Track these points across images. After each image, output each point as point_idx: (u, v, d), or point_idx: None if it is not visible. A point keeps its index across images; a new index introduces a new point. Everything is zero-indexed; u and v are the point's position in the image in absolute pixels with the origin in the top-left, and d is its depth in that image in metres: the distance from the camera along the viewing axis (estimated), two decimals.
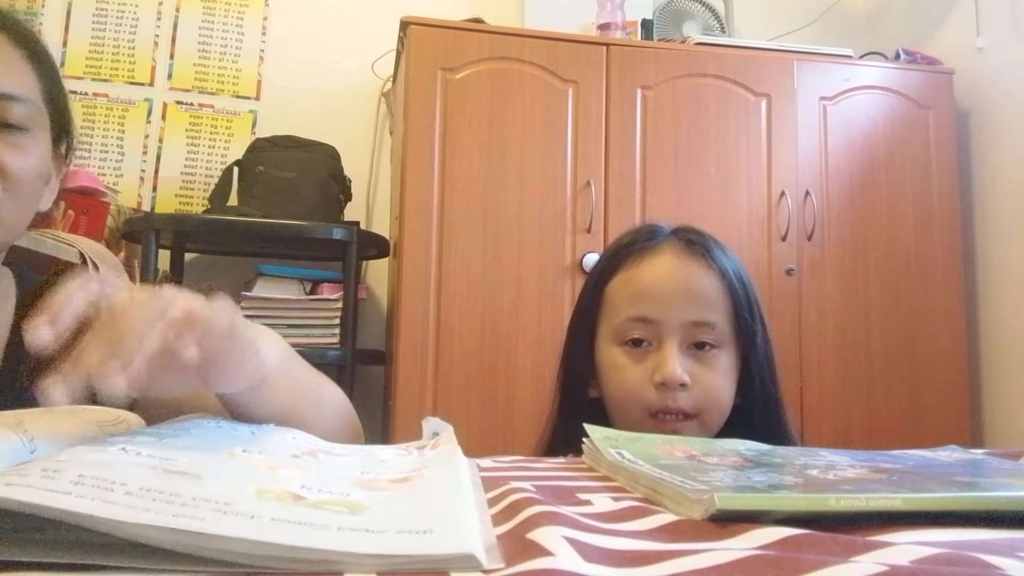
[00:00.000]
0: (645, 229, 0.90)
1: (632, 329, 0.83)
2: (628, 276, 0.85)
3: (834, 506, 0.36)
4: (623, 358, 0.83)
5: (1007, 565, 0.28)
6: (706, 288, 0.82)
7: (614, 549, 0.31)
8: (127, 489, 0.29)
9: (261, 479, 0.35)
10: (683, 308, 0.81)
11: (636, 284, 0.84)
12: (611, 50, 2.14)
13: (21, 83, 0.71)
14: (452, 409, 1.89)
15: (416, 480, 0.41)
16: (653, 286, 0.83)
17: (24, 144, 0.70)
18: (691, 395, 0.80)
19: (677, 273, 0.83)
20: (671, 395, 0.80)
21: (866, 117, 2.26)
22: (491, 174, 2.02)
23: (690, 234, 0.87)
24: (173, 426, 0.47)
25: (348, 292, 2.02)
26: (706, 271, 0.83)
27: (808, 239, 2.16)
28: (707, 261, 0.84)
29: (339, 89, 2.50)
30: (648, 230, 0.90)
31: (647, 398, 0.80)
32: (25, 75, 0.72)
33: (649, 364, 0.81)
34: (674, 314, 0.81)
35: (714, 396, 0.81)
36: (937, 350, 2.19)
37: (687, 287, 0.82)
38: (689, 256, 0.84)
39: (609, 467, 0.51)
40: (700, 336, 0.81)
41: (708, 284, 0.83)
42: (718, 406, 0.82)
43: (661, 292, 0.82)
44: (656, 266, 0.84)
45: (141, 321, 0.42)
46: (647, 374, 0.81)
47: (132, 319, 0.42)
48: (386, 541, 0.28)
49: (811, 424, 2.09)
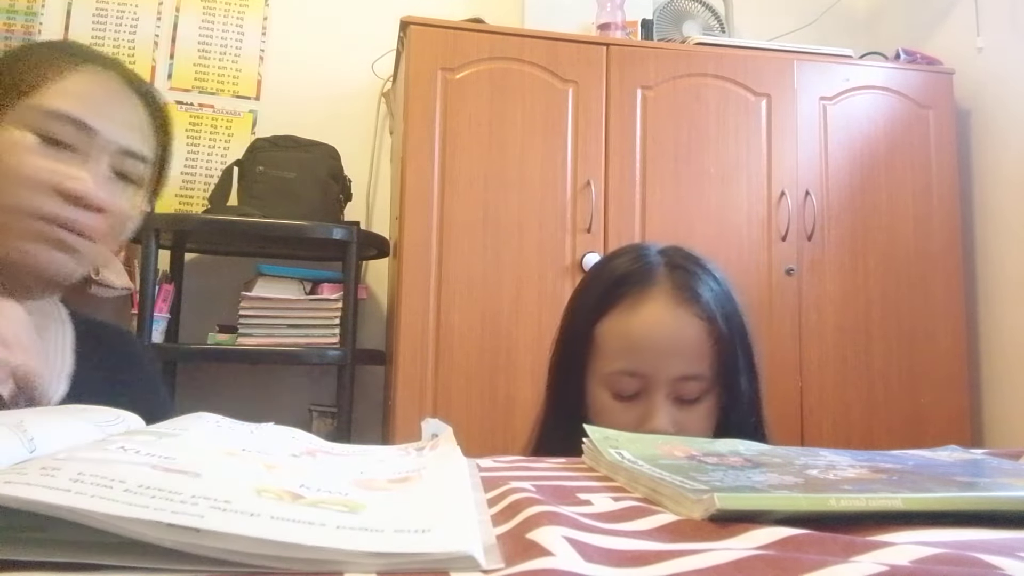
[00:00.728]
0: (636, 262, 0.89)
1: (622, 380, 0.84)
2: (620, 324, 0.86)
3: (834, 506, 0.36)
4: (612, 402, 0.85)
5: (1007, 565, 0.28)
6: (695, 340, 0.84)
7: (614, 549, 0.31)
8: (126, 487, 0.29)
9: (260, 478, 0.35)
10: (672, 364, 0.83)
11: (627, 336, 0.85)
12: (611, 50, 2.14)
13: (147, 144, 0.81)
14: (452, 409, 1.89)
15: (415, 480, 0.41)
16: (643, 339, 0.84)
17: (132, 195, 0.81)
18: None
19: (668, 327, 0.84)
20: None
21: (866, 117, 2.26)
22: (491, 174, 2.02)
23: (679, 272, 0.87)
24: (172, 425, 0.47)
25: (348, 292, 2.02)
26: (694, 320, 0.84)
27: (808, 239, 2.16)
28: (696, 308, 0.84)
29: (339, 89, 2.50)
30: (639, 263, 0.89)
31: None
32: (150, 139, 0.82)
33: (637, 412, 0.83)
34: (663, 370, 0.83)
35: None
36: (937, 350, 2.19)
37: (677, 343, 0.83)
38: (679, 305, 0.85)
39: (609, 467, 0.51)
40: (687, 390, 0.83)
41: (697, 335, 0.84)
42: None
43: (651, 346, 0.83)
44: (647, 317, 0.85)
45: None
46: (633, 422, 0.83)
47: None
48: (385, 540, 0.28)
49: (811, 424, 2.09)
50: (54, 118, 0.74)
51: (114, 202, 0.77)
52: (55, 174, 0.73)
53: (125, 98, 0.80)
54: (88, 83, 0.77)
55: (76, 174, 0.73)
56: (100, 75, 0.79)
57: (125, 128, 0.78)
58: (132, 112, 0.80)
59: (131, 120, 0.79)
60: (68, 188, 0.73)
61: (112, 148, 0.77)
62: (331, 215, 2.15)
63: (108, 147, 0.76)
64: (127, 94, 0.80)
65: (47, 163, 0.73)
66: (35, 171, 0.72)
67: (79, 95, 0.76)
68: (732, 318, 0.86)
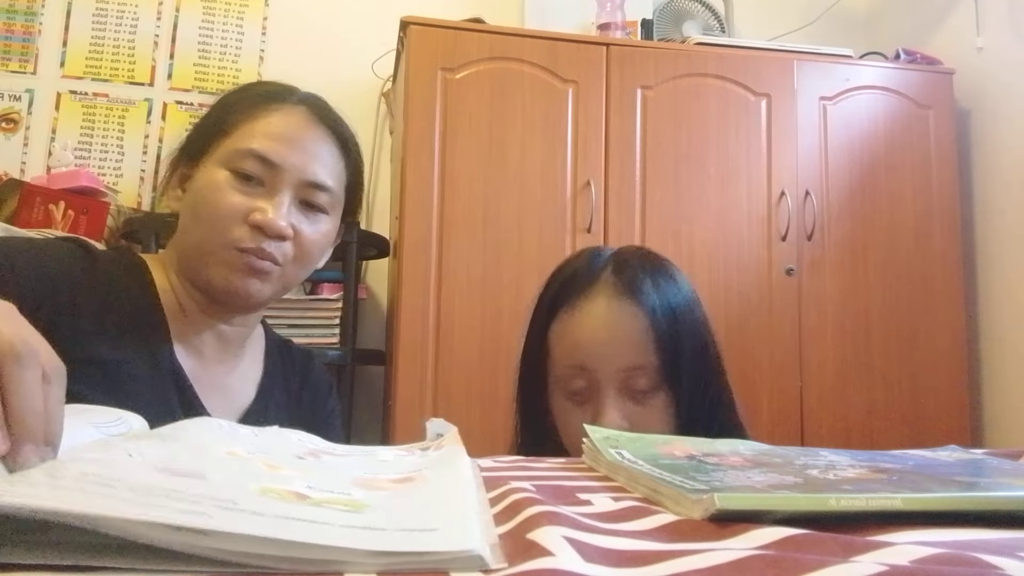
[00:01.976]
0: (584, 263, 0.91)
1: (571, 378, 0.85)
2: (565, 326, 0.87)
3: (834, 506, 0.36)
4: (567, 403, 0.87)
5: (1007, 565, 0.28)
6: (633, 331, 0.83)
7: (614, 549, 0.31)
8: (131, 489, 0.29)
9: (264, 478, 0.35)
10: (615, 356, 0.83)
11: (571, 335, 0.86)
12: (611, 50, 2.14)
13: (332, 174, 0.88)
14: (452, 409, 1.89)
15: (418, 480, 0.41)
16: (585, 336, 0.85)
17: (320, 222, 0.87)
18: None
19: (607, 320, 0.84)
20: None
21: (866, 117, 2.26)
22: (491, 174, 2.02)
23: (625, 269, 0.88)
24: (176, 428, 0.47)
25: (348, 292, 2.02)
26: (633, 312, 0.84)
27: (808, 239, 2.16)
28: (636, 301, 0.84)
29: (339, 89, 2.47)
30: (587, 264, 0.90)
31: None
32: (336, 168, 0.89)
33: (590, 409, 0.84)
34: (607, 363, 0.83)
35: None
36: (937, 350, 2.19)
37: (615, 335, 0.84)
38: (619, 299, 0.85)
39: (609, 467, 0.51)
40: (634, 382, 0.83)
41: (635, 326, 0.83)
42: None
43: (593, 342, 0.84)
44: (589, 314, 0.85)
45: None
46: (589, 420, 0.83)
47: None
48: (388, 539, 0.29)
49: (811, 424, 2.09)
50: (244, 156, 0.82)
51: (298, 229, 0.84)
52: (244, 207, 0.81)
53: (310, 132, 0.86)
54: (277, 122, 0.85)
55: (260, 206, 0.81)
56: (289, 113, 0.86)
57: (309, 160, 0.85)
58: (317, 145, 0.86)
59: (316, 152, 0.86)
60: (253, 219, 0.81)
61: (295, 180, 0.84)
62: None
63: (291, 179, 0.83)
64: (313, 128, 0.87)
65: (239, 198, 0.81)
66: (229, 205, 0.81)
67: (267, 134, 0.84)
68: (681, 316, 0.86)
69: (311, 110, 0.88)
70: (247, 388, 0.92)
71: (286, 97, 0.88)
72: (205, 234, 0.82)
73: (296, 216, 0.84)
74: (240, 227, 0.81)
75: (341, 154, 0.90)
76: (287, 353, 1.02)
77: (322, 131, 0.88)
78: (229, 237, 0.81)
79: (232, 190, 0.82)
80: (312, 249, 0.87)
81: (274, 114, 0.86)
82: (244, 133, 0.84)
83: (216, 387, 0.87)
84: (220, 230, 0.81)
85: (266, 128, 0.84)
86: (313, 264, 0.90)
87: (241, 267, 0.81)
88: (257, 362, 0.96)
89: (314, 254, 0.88)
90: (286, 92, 0.90)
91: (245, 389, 0.91)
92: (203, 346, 0.87)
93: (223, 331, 0.89)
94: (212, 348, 0.88)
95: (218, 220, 0.81)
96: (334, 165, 0.88)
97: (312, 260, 0.89)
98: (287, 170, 0.83)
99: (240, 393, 0.90)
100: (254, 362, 0.96)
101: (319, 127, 0.88)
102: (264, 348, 0.98)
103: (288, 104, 0.87)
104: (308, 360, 1.04)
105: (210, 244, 0.82)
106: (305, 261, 0.87)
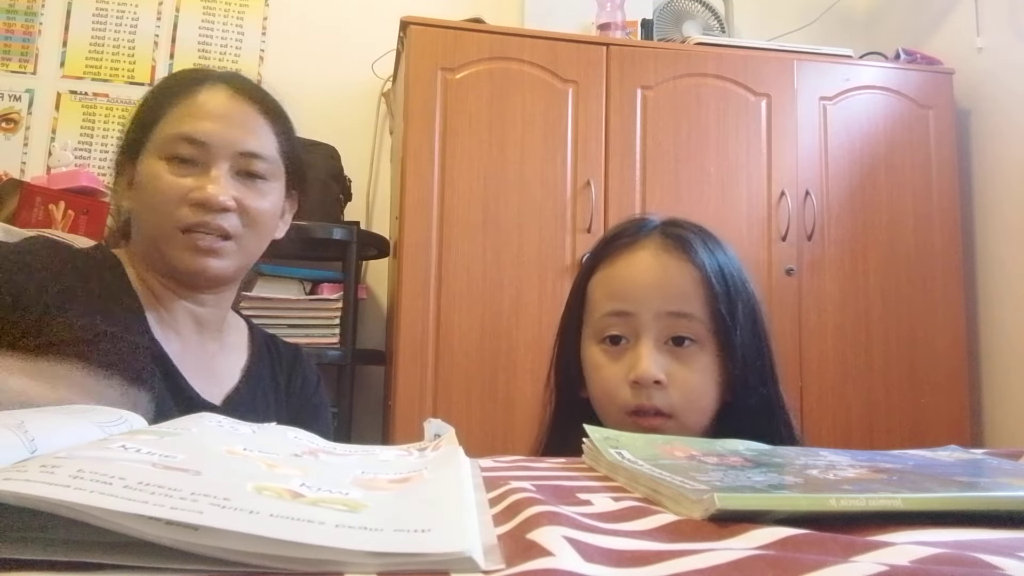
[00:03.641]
0: (633, 223, 0.88)
1: (609, 325, 0.82)
2: (607, 272, 0.85)
3: (834, 506, 0.36)
4: (602, 357, 0.82)
5: (1007, 565, 0.28)
6: (682, 280, 0.80)
7: (614, 549, 0.31)
8: (126, 483, 0.29)
9: (260, 476, 0.35)
10: (657, 300, 0.79)
11: (613, 280, 0.83)
12: (611, 50, 2.14)
13: (262, 143, 0.90)
14: (452, 409, 1.89)
15: (416, 480, 0.41)
16: (628, 280, 0.82)
17: (263, 190, 0.89)
18: (667, 394, 0.78)
19: (653, 266, 0.82)
20: (645, 393, 0.78)
21: (866, 117, 2.26)
22: (491, 174, 2.02)
23: (676, 228, 0.85)
24: (174, 425, 0.47)
25: (348, 292, 2.02)
26: (683, 264, 0.81)
27: (808, 239, 2.16)
28: (686, 255, 0.81)
29: (339, 89, 2.50)
30: (636, 224, 0.88)
31: (623, 397, 0.79)
32: (266, 136, 0.91)
33: (626, 362, 0.80)
34: (649, 306, 0.79)
35: (692, 396, 0.79)
36: (937, 350, 2.19)
37: (662, 279, 0.80)
38: (668, 250, 0.82)
39: (609, 467, 0.51)
40: (677, 329, 0.79)
41: (684, 276, 0.80)
42: (696, 406, 0.80)
43: (636, 285, 0.81)
44: (634, 262, 0.83)
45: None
46: (623, 372, 0.79)
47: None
48: (384, 539, 0.28)
49: (811, 424, 2.09)
50: (176, 141, 0.85)
51: (241, 199, 0.86)
52: (184, 188, 0.84)
53: (235, 107, 0.89)
54: (201, 103, 0.88)
55: (198, 184, 0.84)
56: (210, 92, 0.89)
57: (238, 133, 0.87)
58: (244, 117, 0.89)
59: (244, 123, 0.88)
60: (193, 198, 0.84)
61: (227, 153, 0.86)
62: (331, 215, 2.15)
63: (223, 153, 0.86)
64: (237, 102, 0.89)
65: (178, 181, 0.84)
66: (170, 189, 0.84)
67: (193, 115, 0.87)
68: (732, 279, 0.82)
69: (231, 86, 0.91)
70: (232, 372, 0.94)
71: (204, 79, 0.91)
72: (155, 222, 0.86)
73: (237, 188, 0.87)
74: (183, 208, 0.84)
75: (269, 122, 0.92)
76: (274, 347, 1.04)
77: (246, 104, 0.90)
78: (176, 220, 0.84)
79: (170, 176, 0.85)
80: (261, 217, 0.89)
81: (197, 96, 0.88)
82: (172, 120, 0.87)
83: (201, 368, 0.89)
84: (166, 215, 0.84)
85: (191, 110, 0.87)
86: (268, 232, 0.92)
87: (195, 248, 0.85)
88: (241, 349, 0.99)
89: (265, 221, 0.90)
90: (204, 75, 0.92)
91: (230, 373, 0.94)
92: (182, 329, 0.90)
93: (199, 314, 0.92)
94: (191, 331, 0.91)
95: (162, 206, 0.84)
96: (264, 134, 0.91)
97: (265, 228, 0.91)
98: (218, 145, 0.86)
99: (225, 376, 0.93)
100: (237, 348, 0.99)
101: (242, 100, 0.90)
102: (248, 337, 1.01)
103: (208, 84, 0.90)
104: (295, 355, 1.06)
105: (161, 231, 0.85)
106: (258, 229, 0.89)
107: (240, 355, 0.98)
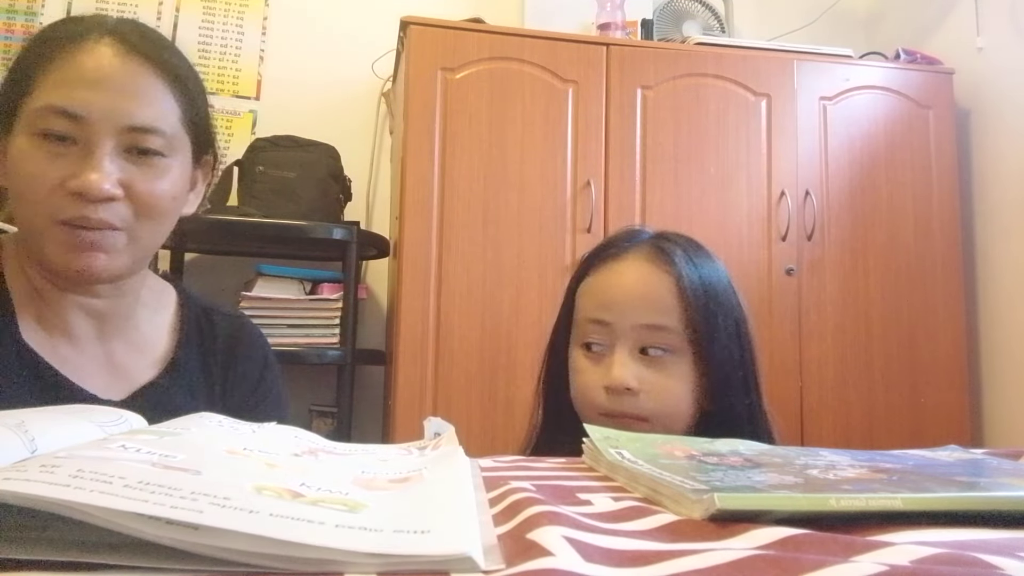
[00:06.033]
0: (627, 233, 0.93)
1: (589, 332, 0.86)
2: (594, 280, 0.89)
3: (834, 506, 0.36)
4: (583, 360, 0.86)
5: (1007, 565, 0.28)
6: (660, 292, 0.83)
7: (614, 549, 0.31)
8: (126, 482, 0.29)
9: (260, 476, 0.35)
10: (635, 312, 0.83)
11: (597, 289, 0.87)
12: (611, 50, 2.14)
13: (158, 113, 0.74)
14: (452, 409, 1.89)
15: (416, 480, 0.41)
16: (610, 291, 0.86)
17: (159, 168, 0.74)
18: (640, 400, 0.81)
19: (634, 279, 0.85)
20: (619, 400, 0.81)
21: (866, 117, 2.26)
22: (491, 174, 2.02)
23: (663, 241, 0.89)
24: (174, 424, 0.47)
25: (348, 292, 2.02)
26: (663, 276, 0.84)
27: (808, 239, 2.16)
28: (667, 267, 0.85)
29: (339, 89, 2.50)
30: (628, 235, 0.92)
31: (598, 401, 0.83)
32: (164, 104, 0.75)
33: (603, 367, 0.83)
34: (626, 317, 0.83)
35: (667, 402, 0.82)
36: (937, 350, 2.19)
37: (641, 291, 0.84)
38: (651, 262, 0.86)
39: (609, 467, 0.51)
40: (652, 340, 0.82)
41: (662, 288, 0.83)
42: (671, 411, 0.83)
43: (616, 297, 0.85)
44: (618, 271, 0.87)
45: None
46: (600, 377, 0.83)
47: None
48: (384, 540, 0.28)
49: (811, 424, 2.09)
50: (47, 115, 0.70)
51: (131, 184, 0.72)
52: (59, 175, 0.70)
53: (122, 68, 0.73)
54: (78, 66, 0.71)
55: (74, 170, 0.70)
56: (91, 52, 0.72)
57: (124, 102, 0.72)
58: (133, 81, 0.73)
59: (133, 90, 0.72)
60: (70, 187, 0.69)
61: (111, 129, 0.71)
62: (331, 215, 2.15)
63: (105, 129, 0.71)
64: (125, 62, 0.73)
65: (51, 165, 0.70)
66: (43, 176, 0.70)
67: (67, 81, 0.71)
68: (712, 291, 0.85)
69: (119, 42, 0.73)
70: (143, 365, 0.82)
71: (86, 34, 0.73)
72: (28, 212, 0.72)
73: (126, 168, 0.72)
74: (60, 197, 0.70)
75: (168, 85, 0.75)
76: (208, 327, 0.89)
77: (137, 63, 0.73)
78: (51, 212, 0.70)
79: (42, 158, 0.70)
80: (157, 202, 0.74)
81: (74, 57, 0.72)
82: (44, 87, 0.71)
83: (100, 368, 0.79)
84: (40, 205, 0.70)
85: (65, 76, 0.71)
86: (169, 216, 0.78)
87: (75, 244, 0.71)
88: (162, 336, 0.85)
89: (163, 206, 0.75)
90: (87, 27, 0.74)
91: (141, 366, 0.82)
92: (72, 327, 0.78)
93: (93, 306, 0.79)
94: (85, 327, 0.79)
95: (34, 195, 0.70)
96: (160, 100, 0.75)
97: (164, 213, 0.76)
98: (98, 120, 0.70)
99: (134, 371, 0.81)
100: (156, 336, 0.85)
101: (132, 59, 0.73)
102: (177, 318, 0.87)
103: (89, 42, 0.73)
104: (236, 329, 0.91)
105: (36, 222, 0.71)
106: (154, 215, 0.75)
107: (160, 343, 0.84)
